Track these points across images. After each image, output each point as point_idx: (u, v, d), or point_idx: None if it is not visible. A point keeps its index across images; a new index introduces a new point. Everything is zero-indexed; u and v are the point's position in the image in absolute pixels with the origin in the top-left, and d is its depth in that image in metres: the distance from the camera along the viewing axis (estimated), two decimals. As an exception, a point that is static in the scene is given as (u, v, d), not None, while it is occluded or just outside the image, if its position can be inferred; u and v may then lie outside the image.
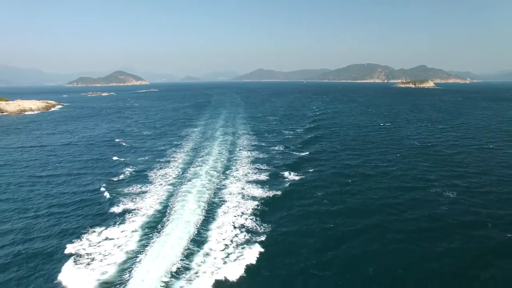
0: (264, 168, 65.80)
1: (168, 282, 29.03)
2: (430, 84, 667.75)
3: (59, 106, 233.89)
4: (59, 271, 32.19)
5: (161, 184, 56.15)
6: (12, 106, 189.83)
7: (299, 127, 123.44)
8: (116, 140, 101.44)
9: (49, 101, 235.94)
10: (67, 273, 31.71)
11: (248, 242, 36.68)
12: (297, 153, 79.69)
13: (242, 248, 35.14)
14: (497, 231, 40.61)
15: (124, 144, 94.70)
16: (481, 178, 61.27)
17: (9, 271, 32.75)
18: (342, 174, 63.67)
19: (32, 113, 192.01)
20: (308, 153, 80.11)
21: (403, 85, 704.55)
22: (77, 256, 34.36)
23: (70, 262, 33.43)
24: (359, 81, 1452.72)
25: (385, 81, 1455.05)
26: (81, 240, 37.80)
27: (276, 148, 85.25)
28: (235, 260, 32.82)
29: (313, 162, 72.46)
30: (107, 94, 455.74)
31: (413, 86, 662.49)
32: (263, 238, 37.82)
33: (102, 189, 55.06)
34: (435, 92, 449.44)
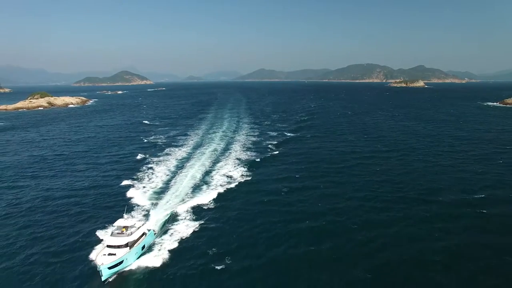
0: (256, 132, 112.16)
1: (195, 187, 63.47)
2: (420, 83, 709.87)
3: (91, 102, 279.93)
4: (122, 189, 68.21)
5: (192, 139, 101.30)
6: (59, 100, 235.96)
7: (286, 114, 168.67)
8: (151, 121, 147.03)
9: (82, 98, 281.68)
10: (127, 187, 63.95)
11: (244, 166, 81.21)
12: (279, 127, 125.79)
13: (243, 168, 78.54)
14: (363, 155, 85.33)
15: (158, 123, 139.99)
16: (380, 135, 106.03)
17: (89, 188, 72.93)
18: (302, 140, 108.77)
19: (74, 106, 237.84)
20: (286, 125, 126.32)
21: (396, 85, 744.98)
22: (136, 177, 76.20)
23: (132, 181, 72.13)
24: (358, 81, 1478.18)
25: (384, 80, 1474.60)
26: (137, 171, 75.19)
27: (266, 122, 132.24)
28: (238, 175, 75.51)
29: (288, 132, 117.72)
30: (121, 92, 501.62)
31: (405, 85, 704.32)
32: (252, 167, 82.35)
33: (147, 144, 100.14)
34: (422, 91, 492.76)
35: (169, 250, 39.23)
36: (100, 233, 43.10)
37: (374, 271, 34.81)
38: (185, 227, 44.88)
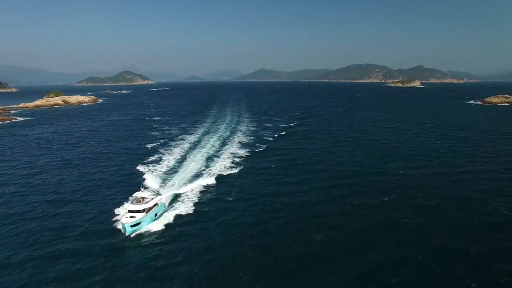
0: (255, 124, 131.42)
1: (203, 168, 78.89)
2: (416, 83, 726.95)
3: (101, 100, 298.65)
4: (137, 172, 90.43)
5: (200, 129, 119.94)
6: (73, 99, 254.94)
7: (282, 111, 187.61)
8: (161, 116, 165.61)
9: (92, 97, 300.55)
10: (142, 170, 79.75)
11: (244, 151, 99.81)
12: (274, 120, 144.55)
13: (244, 151, 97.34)
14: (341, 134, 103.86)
15: (167, 117, 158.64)
16: (348, 117, 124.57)
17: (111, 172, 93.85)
18: (295, 132, 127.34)
19: (87, 104, 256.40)
20: (280, 119, 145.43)
21: (393, 85, 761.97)
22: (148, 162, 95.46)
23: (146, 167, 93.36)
24: (357, 81, 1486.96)
25: (383, 80, 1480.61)
26: (153, 155, 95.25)
27: (263, 117, 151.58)
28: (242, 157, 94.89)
29: (283, 125, 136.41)
30: (125, 91, 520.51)
31: (401, 85, 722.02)
32: (251, 149, 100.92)
33: (157, 133, 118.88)
34: (416, 90, 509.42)
35: (182, 211, 51.44)
36: (122, 202, 55.71)
37: (337, 208, 53.77)
38: (191, 198, 56.29)
